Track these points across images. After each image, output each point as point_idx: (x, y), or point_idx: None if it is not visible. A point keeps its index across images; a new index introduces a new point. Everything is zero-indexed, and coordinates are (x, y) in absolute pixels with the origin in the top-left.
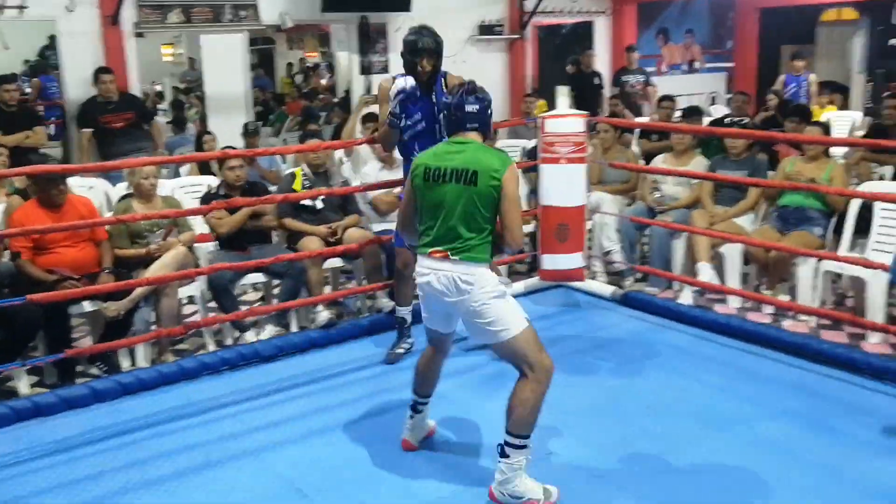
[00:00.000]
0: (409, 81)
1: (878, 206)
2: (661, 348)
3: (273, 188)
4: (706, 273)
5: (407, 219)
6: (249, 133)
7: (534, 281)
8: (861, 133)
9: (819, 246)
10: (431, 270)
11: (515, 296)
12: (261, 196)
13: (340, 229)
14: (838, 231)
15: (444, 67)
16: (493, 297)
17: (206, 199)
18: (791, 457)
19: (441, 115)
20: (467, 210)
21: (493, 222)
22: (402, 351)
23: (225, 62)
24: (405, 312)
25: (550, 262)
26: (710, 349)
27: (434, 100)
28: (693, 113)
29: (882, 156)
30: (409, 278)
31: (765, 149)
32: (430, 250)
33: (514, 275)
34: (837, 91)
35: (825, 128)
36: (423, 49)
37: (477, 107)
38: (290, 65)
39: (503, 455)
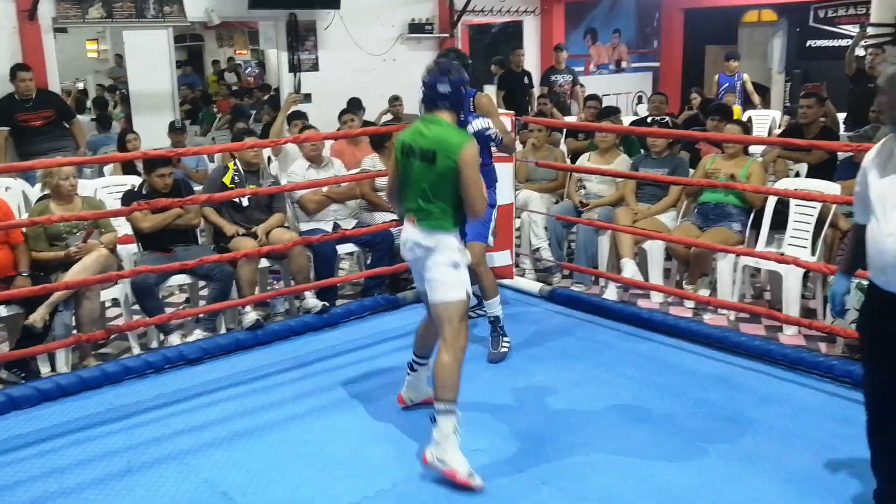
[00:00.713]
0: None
1: (793, 203)
2: (586, 343)
3: (198, 188)
4: (630, 269)
5: (392, 188)
6: (176, 131)
7: None
8: (779, 132)
9: (737, 241)
10: (406, 234)
11: None
12: (186, 197)
13: (261, 231)
14: (756, 227)
15: (376, 65)
16: (445, 262)
17: (128, 198)
18: (710, 447)
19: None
20: (429, 185)
21: (456, 195)
22: (505, 349)
23: (149, 59)
24: (496, 308)
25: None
26: (633, 343)
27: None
28: (610, 112)
29: (797, 154)
30: (484, 272)
31: (686, 147)
32: (407, 216)
33: None
34: (759, 91)
35: (744, 127)
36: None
37: (448, 88)
38: (215, 62)
39: (433, 421)
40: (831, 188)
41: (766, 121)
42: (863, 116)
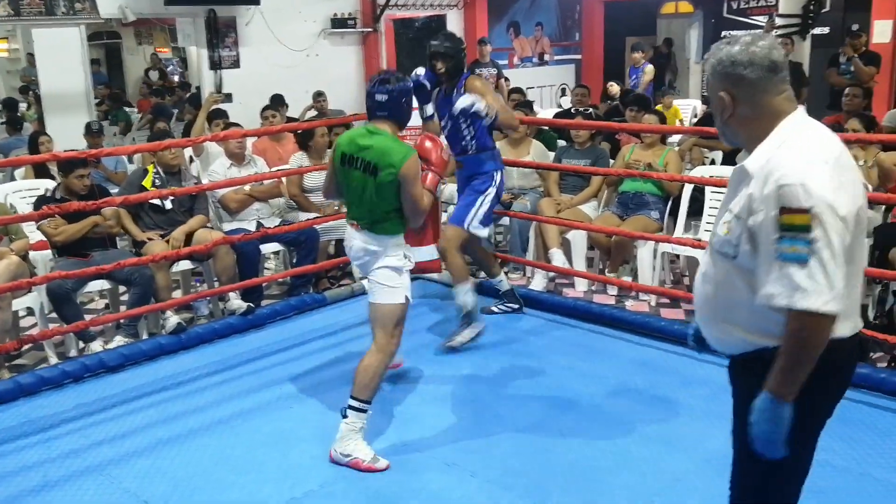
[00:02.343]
0: (419, 73)
1: (708, 190)
2: (513, 333)
3: (115, 190)
4: (558, 258)
5: (329, 186)
6: (93, 133)
7: None
8: (696, 121)
9: (656, 229)
10: (350, 240)
11: None
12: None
13: (180, 233)
14: (674, 214)
15: (299, 61)
16: (387, 266)
17: (40, 203)
18: (634, 430)
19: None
20: (372, 194)
21: (397, 203)
22: (459, 342)
23: (61, 58)
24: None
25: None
26: (559, 331)
27: (454, 100)
28: (522, 105)
29: (712, 142)
30: (451, 258)
31: (607, 138)
32: (349, 222)
33: None
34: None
35: (662, 117)
36: (436, 53)
37: (385, 97)
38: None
39: (344, 416)
40: None
41: (688, 109)
42: None
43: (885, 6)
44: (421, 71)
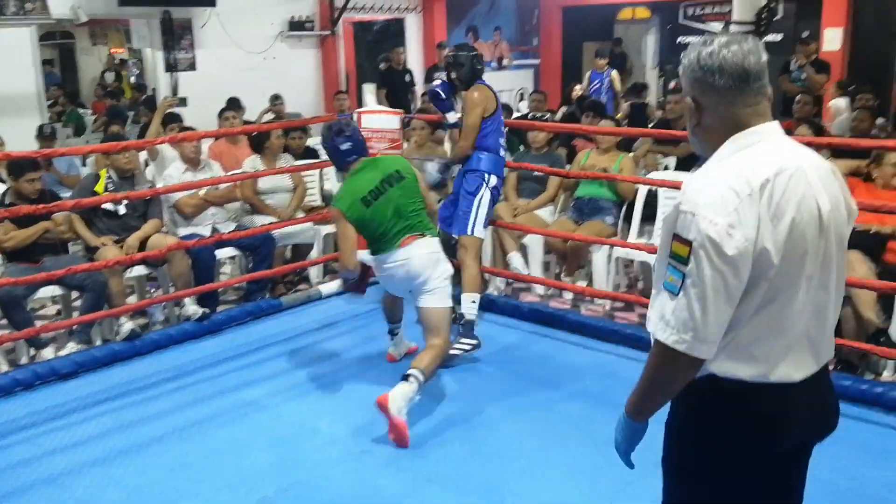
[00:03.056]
0: (435, 84)
1: (661, 195)
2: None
3: (67, 195)
4: (517, 261)
5: (354, 254)
6: (45, 137)
7: None
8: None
9: (611, 234)
10: (411, 252)
11: (330, 295)
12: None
13: (134, 239)
14: (628, 219)
15: (257, 64)
16: (447, 272)
17: None
18: (586, 434)
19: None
20: (409, 199)
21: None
22: (456, 352)
23: (12, 59)
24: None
25: (363, 259)
26: (515, 336)
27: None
28: None
29: (666, 147)
30: (467, 266)
31: (563, 143)
32: (402, 240)
33: (329, 273)
34: (637, 88)
35: (617, 123)
36: (448, 63)
37: (350, 144)
38: (122, 62)
39: (405, 379)
40: None
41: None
42: None
43: (835, 15)
44: (438, 82)
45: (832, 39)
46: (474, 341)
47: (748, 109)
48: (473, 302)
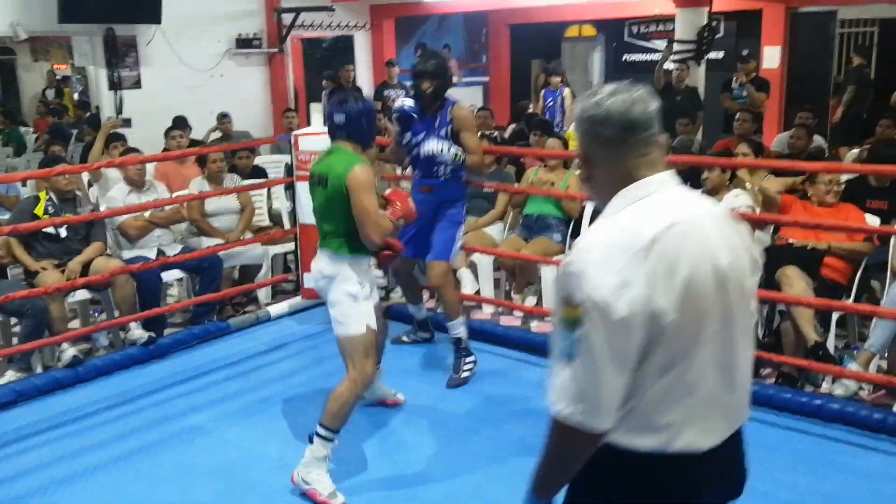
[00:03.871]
0: (408, 102)
1: None
2: (418, 358)
3: (5, 216)
4: (467, 278)
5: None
6: None
7: (297, 300)
8: None
9: (559, 251)
10: (313, 263)
11: (280, 316)
12: None
13: (76, 263)
14: (576, 236)
15: (203, 82)
16: (343, 294)
17: None
18: (537, 452)
19: None
20: (327, 209)
21: (350, 220)
22: (466, 374)
23: None
24: (458, 329)
25: (313, 280)
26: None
27: (436, 125)
28: None
29: None
30: (446, 293)
31: (512, 161)
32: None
33: (278, 294)
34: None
35: (564, 141)
36: (423, 72)
37: (343, 117)
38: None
39: (310, 441)
40: None
41: None
42: (671, 129)
43: (773, 33)
44: (410, 102)
45: (771, 57)
46: (472, 357)
47: (637, 160)
48: (462, 325)
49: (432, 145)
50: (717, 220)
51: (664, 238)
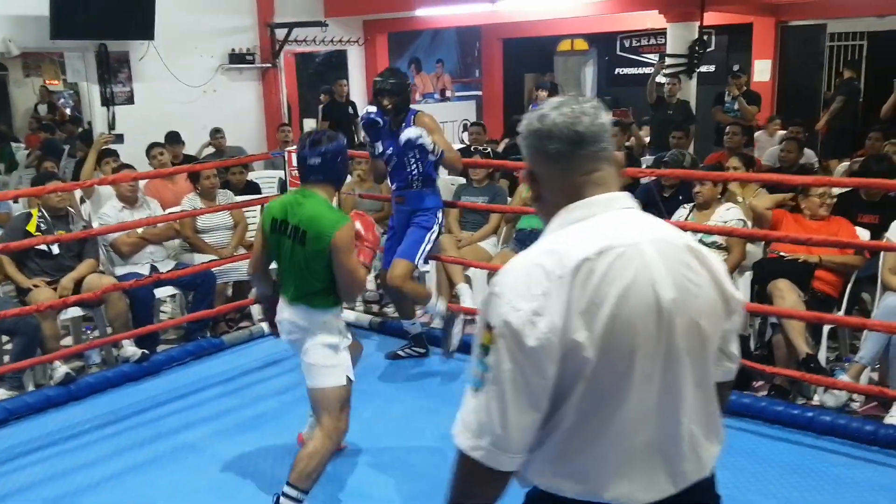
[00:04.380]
0: (370, 108)
1: None
2: (414, 374)
3: None
4: (466, 293)
5: (258, 262)
6: None
7: None
8: None
9: None
10: (281, 314)
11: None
12: None
13: (69, 280)
14: None
15: (197, 97)
16: (322, 344)
17: None
18: None
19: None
20: (302, 264)
21: (328, 276)
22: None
23: None
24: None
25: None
26: (458, 368)
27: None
28: None
29: None
30: (405, 293)
31: (505, 175)
32: (283, 296)
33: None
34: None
35: None
36: (382, 89)
37: (319, 160)
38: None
39: (276, 502)
40: None
41: None
42: (665, 142)
43: (764, 47)
44: (373, 109)
45: (762, 71)
46: (420, 349)
47: (584, 178)
48: (438, 302)
49: (411, 131)
50: (670, 250)
51: (593, 264)
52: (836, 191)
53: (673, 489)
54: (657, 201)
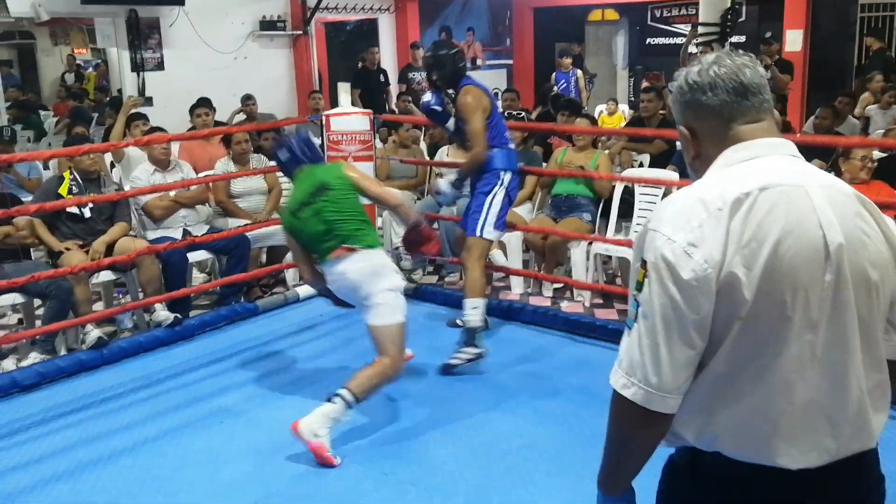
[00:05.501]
0: (427, 98)
1: (638, 191)
2: (450, 338)
3: (28, 199)
4: (499, 257)
5: (305, 265)
6: (5, 141)
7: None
8: (623, 124)
9: (588, 230)
10: (342, 268)
11: (309, 297)
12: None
13: (100, 244)
14: (605, 216)
15: (227, 64)
16: (386, 288)
17: None
18: (570, 431)
19: None
20: (341, 211)
21: (362, 211)
22: (456, 362)
23: None
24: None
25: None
26: (497, 334)
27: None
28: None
29: (640, 145)
30: (470, 269)
31: (539, 142)
32: (332, 253)
33: None
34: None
35: (592, 120)
36: (425, 66)
37: (286, 151)
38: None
39: (329, 400)
40: (670, 175)
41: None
42: None
43: (795, 17)
44: (428, 97)
45: (794, 41)
46: (477, 350)
47: (748, 127)
48: (475, 308)
49: (452, 124)
50: (840, 197)
51: (753, 199)
52: (876, 154)
53: (829, 458)
54: None
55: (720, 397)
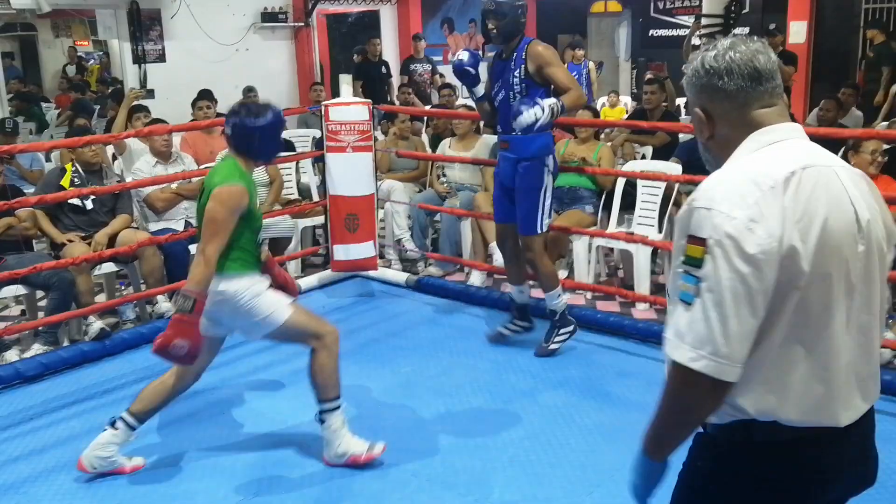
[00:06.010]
0: (462, 56)
1: (640, 184)
2: (451, 331)
3: (30, 190)
4: (498, 253)
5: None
6: (6, 132)
7: (327, 273)
8: (626, 117)
9: (591, 223)
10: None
11: (310, 289)
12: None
13: (103, 236)
14: (607, 208)
15: (229, 56)
16: (250, 297)
17: None
18: (571, 422)
19: None
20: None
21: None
22: (555, 346)
23: None
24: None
25: (343, 252)
26: (494, 325)
27: (513, 66)
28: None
29: (642, 137)
30: (539, 265)
31: None
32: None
33: (308, 268)
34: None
35: (595, 113)
36: (487, 10)
37: (230, 130)
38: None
39: (322, 422)
40: (673, 168)
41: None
42: None
43: (799, 8)
44: (464, 55)
45: (797, 32)
46: (571, 327)
47: (764, 111)
48: (558, 296)
49: (525, 117)
50: (856, 176)
51: (800, 177)
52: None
53: (857, 414)
54: (699, 159)
55: (778, 366)
